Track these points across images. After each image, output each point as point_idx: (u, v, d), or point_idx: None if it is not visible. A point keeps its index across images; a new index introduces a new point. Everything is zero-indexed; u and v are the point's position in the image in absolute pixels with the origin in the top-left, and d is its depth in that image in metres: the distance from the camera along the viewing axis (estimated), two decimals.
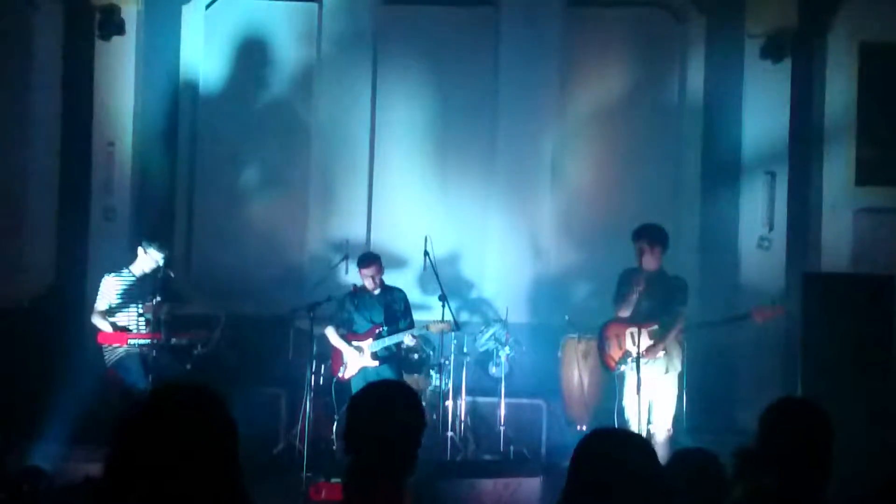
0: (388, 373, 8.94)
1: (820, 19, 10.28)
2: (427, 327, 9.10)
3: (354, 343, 9.02)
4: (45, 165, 10.48)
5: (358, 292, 9.17)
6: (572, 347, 9.55)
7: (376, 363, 8.96)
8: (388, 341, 8.99)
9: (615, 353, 8.18)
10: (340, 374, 9.05)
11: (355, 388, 8.81)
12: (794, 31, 10.12)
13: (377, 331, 9.00)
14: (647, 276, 8.21)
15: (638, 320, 7.99)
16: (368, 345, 8.99)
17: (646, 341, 7.98)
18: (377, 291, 9.11)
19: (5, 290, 10.10)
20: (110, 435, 2.18)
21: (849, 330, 7.66)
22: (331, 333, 9.09)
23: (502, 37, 10.80)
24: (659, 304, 8.12)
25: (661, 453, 7.83)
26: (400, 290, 9.30)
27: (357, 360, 8.99)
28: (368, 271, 9.01)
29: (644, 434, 7.99)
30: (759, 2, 10.21)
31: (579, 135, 10.85)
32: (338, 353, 9.11)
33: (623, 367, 8.07)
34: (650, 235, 8.23)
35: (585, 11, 10.89)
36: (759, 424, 3.62)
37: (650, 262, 8.20)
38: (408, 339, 9.09)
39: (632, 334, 7.94)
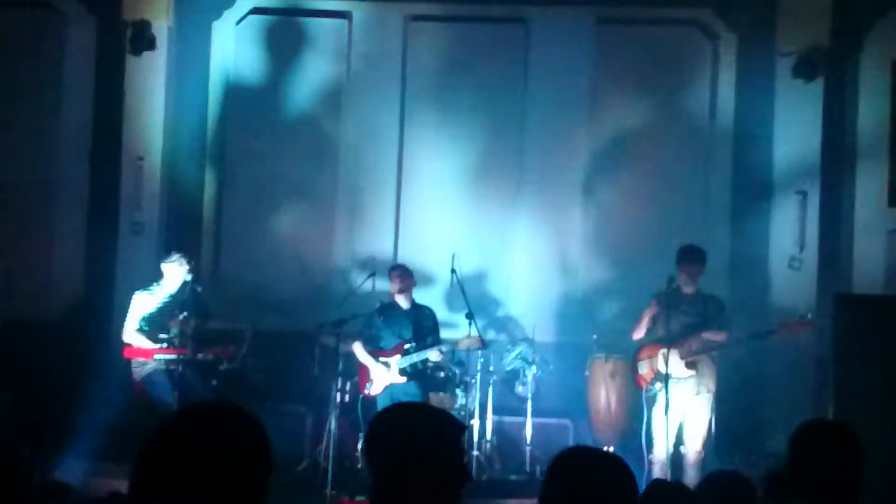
0: (414, 390, 8.90)
1: (852, 38, 10.18)
2: (456, 343, 9.06)
3: (382, 359, 8.98)
4: (75, 179, 10.55)
5: (387, 308, 9.13)
6: (600, 367, 9.47)
7: (403, 379, 8.91)
8: (416, 357, 8.94)
9: (647, 374, 8.15)
10: (367, 391, 8.99)
11: (381, 405, 8.78)
12: (826, 49, 10.02)
13: (404, 347, 8.96)
14: (688, 298, 8.20)
15: (672, 340, 7.94)
16: (395, 361, 8.94)
17: (677, 362, 7.95)
18: (406, 307, 9.07)
19: (34, 304, 10.17)
20: (137, 451, 2.16)
21: (881, 352, 7.53)
22: (358, 349, 9.04)
23: (531, 54, 10.77)
24: (697, 325, 8.14)
25: (692, 474, 7.83)
26: (429, 308, 9.26)
27: (384, 376, 8.94)
28: (397, 277, 9.03)
29: (669, 454, 7.98)
30: (790, 20, 10.12)
31: (609, 153, 10.78)
32: (364, 370, 9.06)
33: (655, 388, 8.02)
34: (692, 256, 8.21)
35: (615, 29, 10.85)
36: (789, 447, 3.56)
37: (690, 283, 8.19)
38: (434, 356, 9.02)
39: (663, 355, 7.90)
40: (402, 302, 9.11)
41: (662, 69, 10.76)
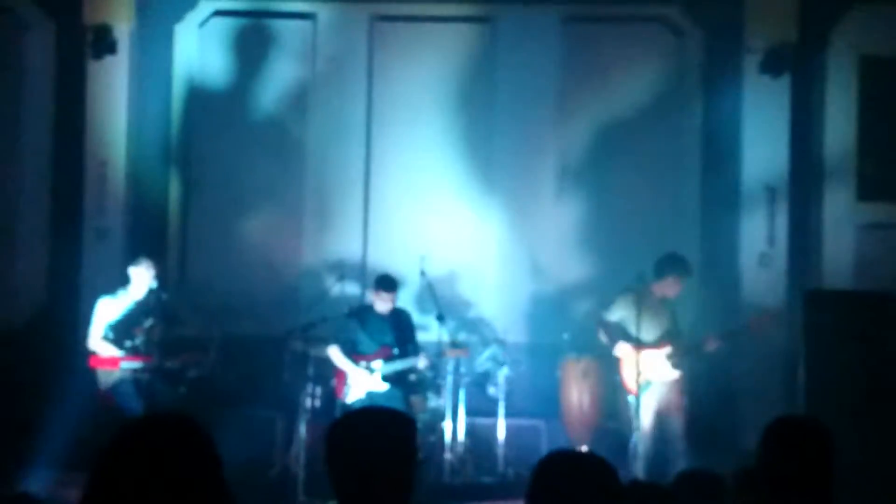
0: (397, 394, 8.78)
1: (820, 33, 10.19)
2: (444, 353, 8.97)
3: (363, 363, 8.83)
4: (37, 185, 10.41)
5: (363, 311, 9.00)
6: (572, 367, 9.42)
7: (386, 386, 8.78)
8: (400, 365, 8.81)
9: (634, 377, 8.12)
10: (344, 397, 8.86)
11: None
12: (794, 45, 10.03)
13: (390, 353, 8.82)
14: (657, 299, 8.28)
15: (653, 344, 8.03)
16: (378, 366, 8.81)
17: (663, 364, 8.04)
18: (385, 312, 8.93)
19: None
20: (91, 463, 2.09)
21: (850, 347, 7.55)
22: (334, 353, 8.87)
23: (498, 53, 10.71)
24: (671, 326, 8.30)
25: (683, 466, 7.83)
26: (407, 312, 9.14)
27: (364, 381, 8.80)
28: (389, 296, 8.81)
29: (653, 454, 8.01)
30: (757, 16, 10.11)
31: (578, 151, 10.74)
32: (341, 375, 8.91)
33: (645, 392, 8.03)
34: (683, 267, 8.35)
35: (582, 27, 10.81)
36: (760, 443, 3.51)
37: (669, 291, 8.32)
38: (422, 363, 8.89)
39: (647, 357, 7.98)
40: (382, 305, 8.92)
41: (630, 67, 10.71)
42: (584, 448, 9.23)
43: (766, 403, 9.20)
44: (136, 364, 8.28)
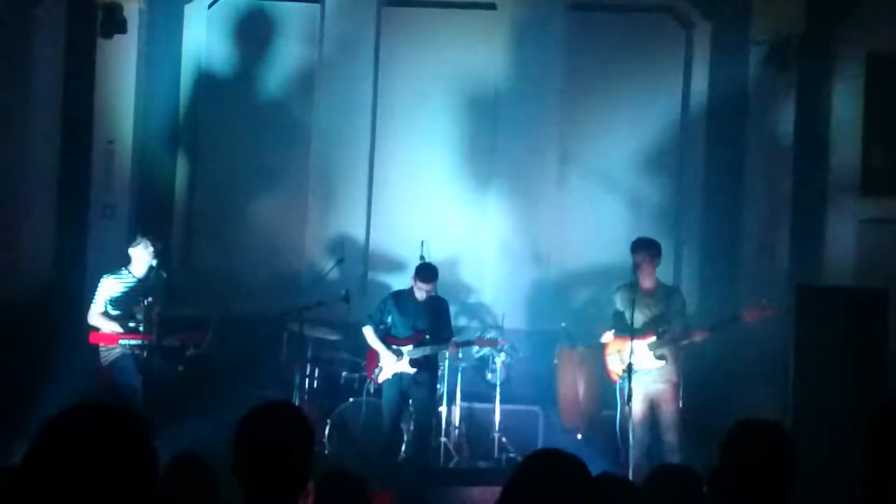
0: (425, 379, 8.85)
1: (827, 26, 10.12)
2: (474, 342, 9.03)
3: (394, 347, 8.90)
4: (45, 162, 10.46)
5: (402, 296, 9.06)
6: (568, 355, 9.47)
7: (414, 370, 8.82)
8: (430, 350, 8.85)
9: (617, 367, 8.17)
10: (375, 377, 8.93)
11: (387, 392, 8.83)
12: (801, 37, 9.99)
13: (421, 338, 8.86)
14: (646, 289, 8.26)
15: (637, 333, 8.00)
16: (408, 350, 8.87)
17: (645, 353, 8.00)
18: (423, 298, 8.93)
19: (3, 287, 10.08)
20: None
21: (841, 343, 7.54)
22: (369, 333, 8.93)
23: (504, 39, 10.70)
24: (658, 315, 8.23)
25: (675, 460, 7.86)
26: (444, 300, 9.15)
27: (393, 364, 8.86)
28: (428, 286, 8.83)
29: (648, 443, 8.05)
30: (765, 8, 10.08)
31: (582, 140, 10.74)
32: (373, 355, 8.98)
33: (629, 380, 8.06)
34: (651, 248, 8.23)
35: (589, 16, 10.79)
36: (720, 447, 3.52)
37: (650, 275, 8.24)
38: (451, 352, 8.96)
39: (632, 347, 7.95)
40: (419, 293, 8.95)
41: (636, 57, 10.68)
42: (579, 436, 9.32)
43: (763, 398, 9.21)
44: (134, 341, 8.38)
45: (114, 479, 2.04)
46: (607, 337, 8.31)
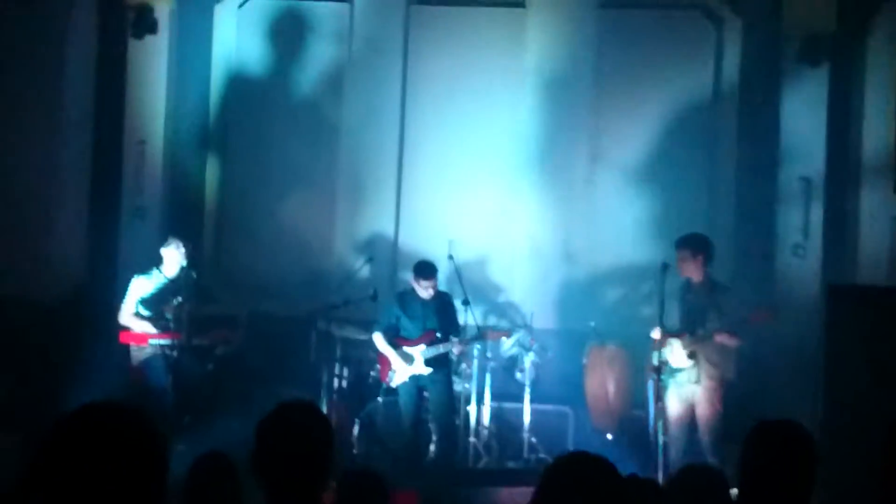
0: (441, 378, 8.83)
1: (859, 22, 10.00)
2: (484, 335, 8.99)
3: (405, 349, 8.87)
4: (77, 163, 10.51)
5: (404, 296, 9.05)
6: (597, 354, 9.41)
7: (429, 370, 8.81)
8: (442, 349, 8.83)
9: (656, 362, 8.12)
10: (389, 381, 8.91)
11: (403, 394, 8.79)
12: (833, 33, 9.88)
13: (433, 337, 8.83)
14: (692, 286, 8.25)
15: (675, 330, 8.04)
16: (420, 351, 8.84)
17: (679, 351, 8.00)
18: (428, 296, 8.91)
19: (35, 288, 10.14)
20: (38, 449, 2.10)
21: (874, 344, 7.40)
22: (378, 340, 8.92)
23: (534, 38, 10.66)
24: (696, 314, 8.19)
25: (710, 461, 7.80)
26: (449, 295, 9.15)
27: (406, 367, 8.83)
28: (429, 283, 8.82)
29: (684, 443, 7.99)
30: (796, 4, 9.98)
31: (612, 138, 10.68)
32: (385, 360, 8.95)
33: (668, 378, 8.02)
34: (689, 246, 8.24)
35: (618, 13, 10.71)
36: (741, 448, 3.49)
37: (693, 272, 8.21)
38: (458, 349, 8.93)
39: (670, 344, 8.01)
40: (423, 292, 8.92)
41: (666, 54, 10.62)
42: (609, 436, 9.26)
43: (799, 399, 9.11)
44: (164, 340, 8.43)
45: (113, 480, 2.01)
46: (654, 333, 8.24)
